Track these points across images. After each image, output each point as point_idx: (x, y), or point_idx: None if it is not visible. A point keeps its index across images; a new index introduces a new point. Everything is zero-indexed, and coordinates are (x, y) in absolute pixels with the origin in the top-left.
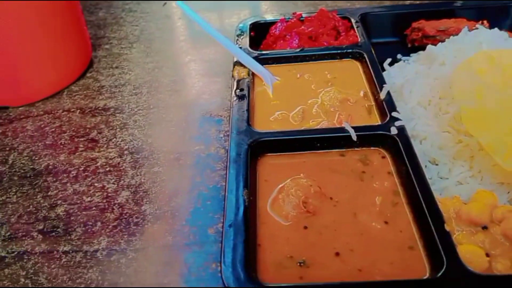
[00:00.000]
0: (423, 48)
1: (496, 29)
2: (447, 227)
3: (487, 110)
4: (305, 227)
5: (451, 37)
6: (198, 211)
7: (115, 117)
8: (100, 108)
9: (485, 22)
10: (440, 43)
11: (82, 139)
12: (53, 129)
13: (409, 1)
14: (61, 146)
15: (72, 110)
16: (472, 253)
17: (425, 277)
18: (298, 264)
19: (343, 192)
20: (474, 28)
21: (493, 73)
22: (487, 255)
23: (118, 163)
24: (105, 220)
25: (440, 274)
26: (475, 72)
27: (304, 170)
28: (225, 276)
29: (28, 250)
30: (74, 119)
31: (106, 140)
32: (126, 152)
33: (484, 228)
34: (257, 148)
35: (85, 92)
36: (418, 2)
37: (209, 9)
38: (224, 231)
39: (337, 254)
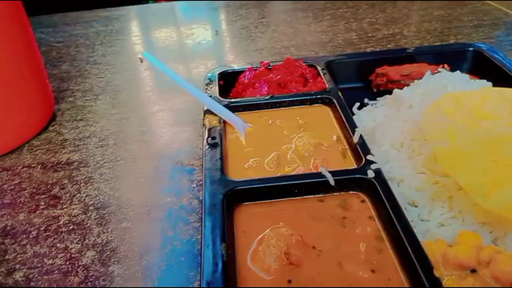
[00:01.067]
0: (388, 92)
1: (458, 71)
2: (436, 273)
3: (461, 150)
4: (289, 281)
5: (415, 81)
6: (172, 269)
7: (79, 171)
8: (63, 162)
9: (445, 65)
10: (405, 87)
11: (43, 196)
12: (12, 187)
13: (369, 49)
14: (21, 205)
15: (33, 165)
16: None
17: None
18: None
19: (325, 240)
20: (436, 71)
21: (461, 114)
22: None
23: (83, 220)
24: (69, 284)
25: None
26: (443, 113)
27: (284, 219)
28: None
29: None
30: (35, 175)
31: (69, 196)
32: (91, 208)
33: (473, 271)
34: (233, 197)
35: (47, 146)
36: (378, 49)
37: (176, 60)
38: None
39: None
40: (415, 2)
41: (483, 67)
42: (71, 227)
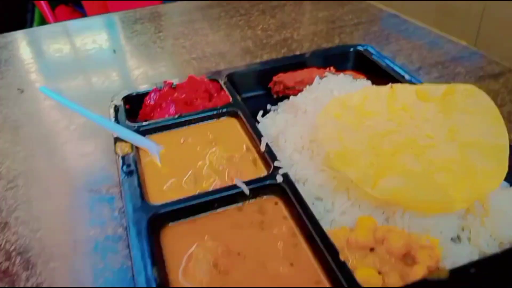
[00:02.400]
0: (287, 97)
1: (341, 74)
2: (341, 257)
3: (349, 149)
4: None
5: (307, 86)
6: None
7: None
8: None
9: (332, 68)
10: (300, 93)
11: None
12: None
13: (266, 56)
14: None
15: None
16: (367, 275)
17: None
18: None
19: (248, 245)
20: (324, 76)
21: (347, 116)
22: (380, 273)
23: (7, 267)
24: None
25: None
26: (333, 117)
27: (208, 232)
28: None
29: None
30: None
31: None
32: (13, 253)
33: (372, 249)
34: (156, 221)
35: None
36: (273, 58)
37: (77, 86)
38: None
39: None
40: (301, 5)
41: (364, 65)
42: None
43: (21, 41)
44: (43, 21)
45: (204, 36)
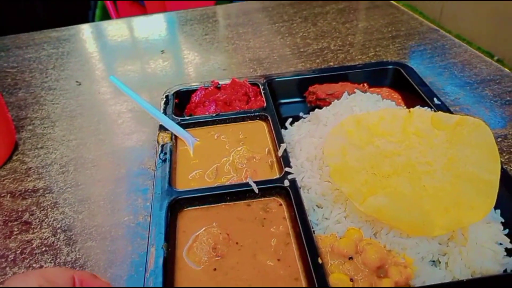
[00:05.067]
0: (319, 107)
1: (368, 93)
2: (320, 260)
3: (349, 165)
4: (214, 269)
5: (335, 100)
6: (133, 278)
7: (45, 197)
8: (29, 190)
9: (365, 84)
10: (324, 107)
11: (15, 222)
12: None
13: (301, 65)
14: None
15: (3, 195)
16: (339, 280)
17: None
18: None
19: (247, 237)
20: (353, 92)
21: (360, 133)
22: (351, 280)
23: (53, 242)
24: None
25: None
26: (345, 133)
27: (217, 220)
28: None
29: None
30: (5, 204)
31: (39, 221)
32: (59, 230)
33: (350, 258)
34: (176, 204)
35: (13, 175)
36: (313, 67)
37: (134, 80)
38: (144, 281)
39: None
40: (343, 14)
41: (398, 83)
42: (43, 249)
43: (83, 34)
44: (104, 19)
45: (246, 41)
